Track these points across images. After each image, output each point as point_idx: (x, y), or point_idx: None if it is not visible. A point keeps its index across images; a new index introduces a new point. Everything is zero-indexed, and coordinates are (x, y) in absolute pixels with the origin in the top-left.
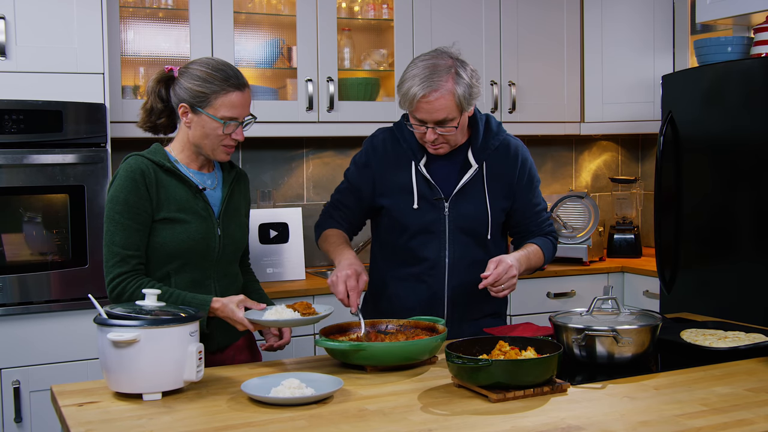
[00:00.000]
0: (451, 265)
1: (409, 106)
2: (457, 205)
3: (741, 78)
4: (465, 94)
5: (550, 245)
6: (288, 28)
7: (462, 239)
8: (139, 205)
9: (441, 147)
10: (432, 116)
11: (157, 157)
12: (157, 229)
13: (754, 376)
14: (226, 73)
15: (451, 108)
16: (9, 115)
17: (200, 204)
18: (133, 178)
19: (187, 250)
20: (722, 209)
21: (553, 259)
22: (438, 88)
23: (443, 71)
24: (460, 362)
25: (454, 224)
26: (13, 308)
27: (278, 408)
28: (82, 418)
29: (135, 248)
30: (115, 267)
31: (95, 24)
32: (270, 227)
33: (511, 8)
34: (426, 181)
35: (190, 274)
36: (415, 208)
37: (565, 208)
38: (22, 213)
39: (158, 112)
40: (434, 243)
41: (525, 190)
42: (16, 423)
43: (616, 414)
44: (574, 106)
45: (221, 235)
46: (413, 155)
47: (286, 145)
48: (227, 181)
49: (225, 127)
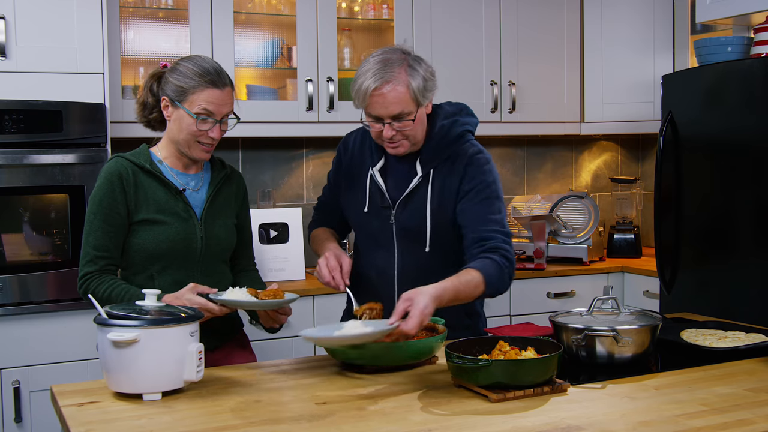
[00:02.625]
0: (400, 274)
1: (362, 102)
2: (402, 214)
3: (741, 78)
4: (419, 87)
5: (495, 267)
6: (288, 28)
7: (410, 248)
8: (113, 207)
9: (400, 145)
10: (387, 110)
11: (139, 159)
12: (137, 230)
13: (754, 376)
14: (206, 71)
15: (406, 100)
16: (9, 115)
17: (180, 205)
18: (110, 180)
19: (167, 251)
20: (722, 209)
21: (510, 281)
22: (390, 80)
23: (396, 64)
24: (460, 362)
25: (400, 233)
26: (13, 308)
27: (279, 408)
28: (82, 418)
29: (104, 249)
30: (85, 266)
31: (95, 24)
32: (270, 227)
33: (511, 8)
34: (377, 187)
35: (173, 275)
36: (365, 212)
37: (565, 208)
38: (22, 213)
39: (150, 107)
40: (382, 251)
41: (469, 202)
42: (16, 423)
43: (616, 414)
44: (574, 106)
45: (203, 236)
46: (371, 158)
47: (286, 145)
48: (214, 181)
49: (199, 123)
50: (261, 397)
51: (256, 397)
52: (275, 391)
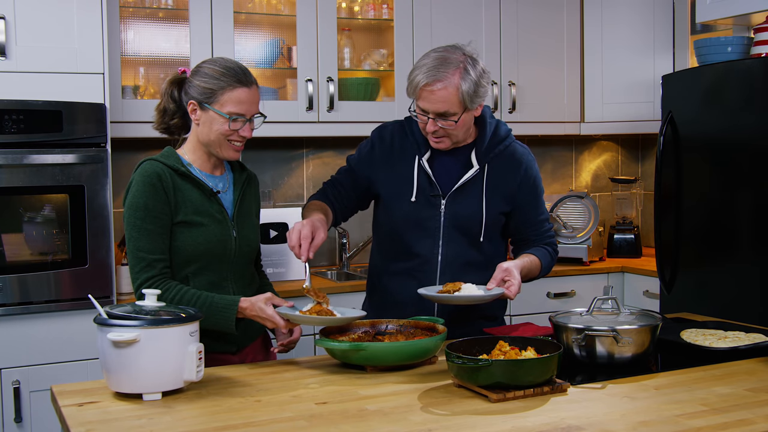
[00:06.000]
0: (444, 263)
1: (412, 93)
2: (454, 204)
3: (741, 78)
4: (469, 91)
5: (549, 257)
6: (288, 28)
7: (456, 238)
8: (160, 209)
9: (442, 141)
10: (433, 107)
11: (171, 161)
12: (175, 232)
13: (754, 376)
14: (233, 70)
15: (453, 102)
16: (9, 115)
17: (215, 207)
18: (151, 183)
19: (204, 252)
20: (722, 209)
21: (552, 268)
22: (442, 80)
23: (452, 65)
24: (460, 362)
25: (449, 222)
26: (13, 308)
27: (279, 408)
28: (82, 418)
29: (160, 252)
30: (142, 272)
31: (95, 24)
32: (270, 227)
33: (511, 8)
34: (426, 176)
35: (208, 277)
36: (413, 201)
37: (565, 208)
38: (22, 213)
39: (171, 113)
40: (428, 240)
41: (526, 199)
42: (16, 423)
43: (616, 414)
44: (574, 106)
45: (236, 237)
46: (418, 149)
47: (286, 145)
48: (238, 182)
49: (231, 123)
50: (261, 397)
51: (256, 397)
52: (275, 391)
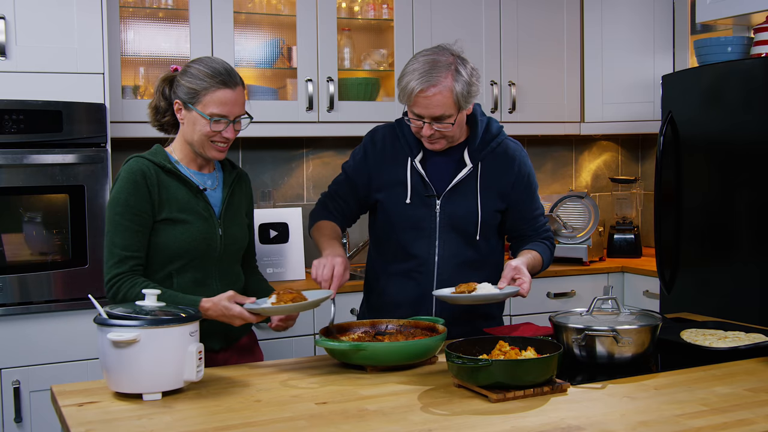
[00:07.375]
0: (441, 263)
1: (407, 100)
2: (449, 204)
3: (741, 78)
4: (463, 92)
5: (548, 251)
6: (288, 28)
7: (452, 238)
8: (140, 206)
9: (437, 142)
10: (429, 111)
11: (158, 158)
12: (158, 229)
13: (754, 376)
14: (217, 71)
15: (449, 105)
16: (9, 115)
17: (201, 204)
18: (134, 180)
19: (188, 250)
20: (722, 209)
21: (552, 262)
22: (436, 84)
23: (443, 67)
24: (460, 362)
25: (444, 222)
26: (13, 308)
27: (279, 408)
28: (82, 418)
29: (134, 249)
30: (113, 268)
31: (95, 24)
32: (270, 227)
33: (510, 8)
34: (420, 177)
35: (192, 274)
36: (407, 203)
37: (565, 208)
38: (22, 213)
39: (163, 110)
40: (424, 240)
41: (521, 196)
42: (16, 423)
43: (616, 414)
44: (574, 106)
45: (222, 235)
46: (410, 151)
47: (286, 145)
48: (228, 181)
49: (213, 124)
50: (261, 397)
51: (256, 397)
52: (275, 391)
